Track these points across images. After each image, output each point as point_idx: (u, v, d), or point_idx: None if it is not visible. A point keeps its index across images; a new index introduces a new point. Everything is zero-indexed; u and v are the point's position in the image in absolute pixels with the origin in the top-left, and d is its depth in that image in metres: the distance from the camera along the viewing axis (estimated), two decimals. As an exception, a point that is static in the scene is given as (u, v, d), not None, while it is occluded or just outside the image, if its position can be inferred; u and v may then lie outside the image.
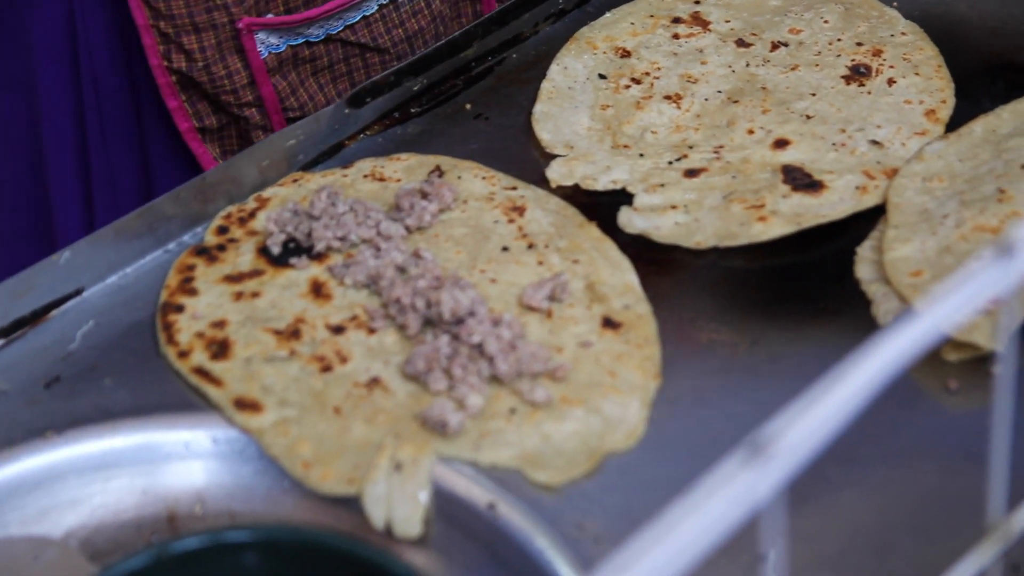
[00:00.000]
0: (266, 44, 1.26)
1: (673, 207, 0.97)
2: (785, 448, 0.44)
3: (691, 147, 1.01)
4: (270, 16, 1.25)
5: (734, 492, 0.43)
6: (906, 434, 0.86)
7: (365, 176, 1.02)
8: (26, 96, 1.31)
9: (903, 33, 1.09)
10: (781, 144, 1.00)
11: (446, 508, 0.82)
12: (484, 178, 1.01)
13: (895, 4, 1.13)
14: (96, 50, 1.28)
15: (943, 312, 0.50)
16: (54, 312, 0.95)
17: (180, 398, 0.88)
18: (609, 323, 0.91)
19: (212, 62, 1.25)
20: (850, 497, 0.83)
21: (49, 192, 1.32)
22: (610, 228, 0.97)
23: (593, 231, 0.97)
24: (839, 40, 1.09)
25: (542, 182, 1.01)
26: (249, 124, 1.28)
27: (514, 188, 1.00)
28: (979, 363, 0.88)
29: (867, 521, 0.83)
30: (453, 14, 1.35)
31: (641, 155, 1.01)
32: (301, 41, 1.28)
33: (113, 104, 1.30)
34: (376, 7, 1.29)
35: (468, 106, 1.08)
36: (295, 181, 1.02)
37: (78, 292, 0.96)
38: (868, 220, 0.97)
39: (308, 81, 1.29)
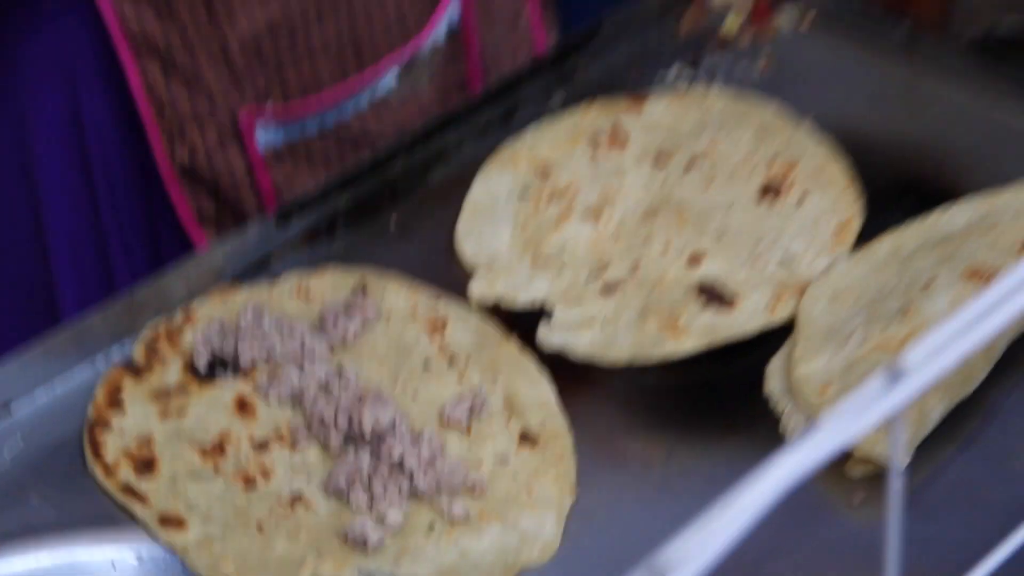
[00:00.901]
0: (264, 137, 1.28)
1: (590, 324, 0.98)
2: (684, 571, 0.46)
3: (608, 264, 1.02)
4: (269, 104, 1.27)
5: None
6: (811, 547, 0.87)
7: (291, 291, 1.02)
8: (27, 183, 1.31)
9: (814, 152, 1.10)
10: (695, 260, 1.01)
11: None
12: (407, 294, 1.02)
13: (808, 121, 1.14)
14: (102, 139, 1.28)
15: (838, 429, 0.52)
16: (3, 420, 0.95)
17: (108, 515, 0.89)
18: (526, 438, 0.92)
19: (213, 154, 1.27)
20: None
21: (54, 279, 1.32)
22: (531, 341, 0.98)
23: (512, 347, 0.98)
24: (752, 158, 1.09)
25: (465, 297, 1.02)
26: (247, 213, 1.28)
27: (436, 304, 1.01)
28: (882, 477, 0.89)
29: None
30: (442, 104, 1.35)
31: (559, 272, 1.02)
32: (297, 135, 1.29)
33: (119, 191, 1.30)
34: (367, 101, 1.30)
35: (394, 221, 1.10)
36: (222, 296, 1.02)
37: (5, 406, 0.96)
38: (779, 336, 0.98)
39: (304, 173, 1.30)
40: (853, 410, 0.52)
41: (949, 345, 0.54)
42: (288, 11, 1.24)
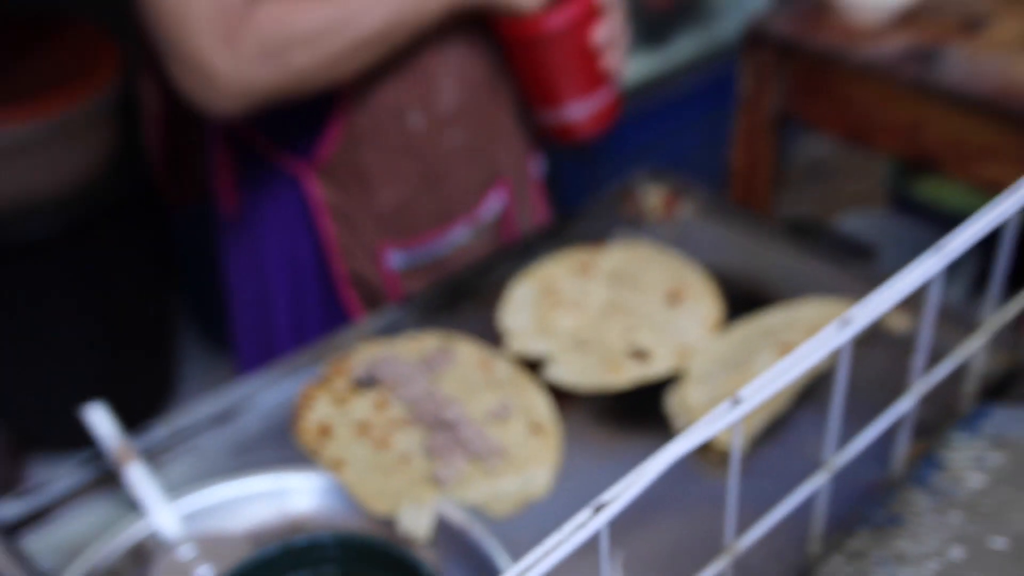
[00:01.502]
0: (393, 259, 1.30)
1: (569, 368, 1.01)
2: (613, 505, 0.54)
3: (582, 335, 1.05)
4: (397, 241, 1.29)
5: (581, 534, 0.52)
6: (688, 496, 0.91)
7: (407, 344, 1.06)
8: (261, 286, 1.34)
9: (697, 278, 1.12)
10: (631, 336, 1.04)
11: (442, 527, 0.87)
12: (471, 347, 1.05)
13: (694, 262, 1.15)
14: (305, 259, 1.30)
15: (705, 430, 0.59)
16: (238, 410, 1.00)
17: (304, 460, 0.93)
18: (534, 428, 0.96)
19: (364, 267, 1.29)
20: (656, 528, 0.88)
21: (273, 333, 1.35)
22: (537, 375, 1.02)
23: (527, 378, 1.02)
24: (664, 281, 1.11)
25: (502, 350, 1.05)
26: (381, 301, 1.30)
27: (486, 353, 1.05)
28: (728, 458, 0.93)
29: (666, 540, 0.87)
30: (492, 246, 1.37)
31: (554, 340, 1.04)
32: (408, 259, 1.31)
33: (314, 289, 1.32)
34: (451, 246, 1.33)
35: (467, 308, 1.13)
36: (371, 345, 1.06)
37: (252, 397, 1.00)
38: (673, 380, 1.01)
39: (414, 280, 1.31)
40: (713, 419, 0.60)
41: (765, 387, 0.62)
42: (406, 192, 1.26)
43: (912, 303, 1.07)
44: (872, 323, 0.68)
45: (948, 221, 2.09)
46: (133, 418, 2.44)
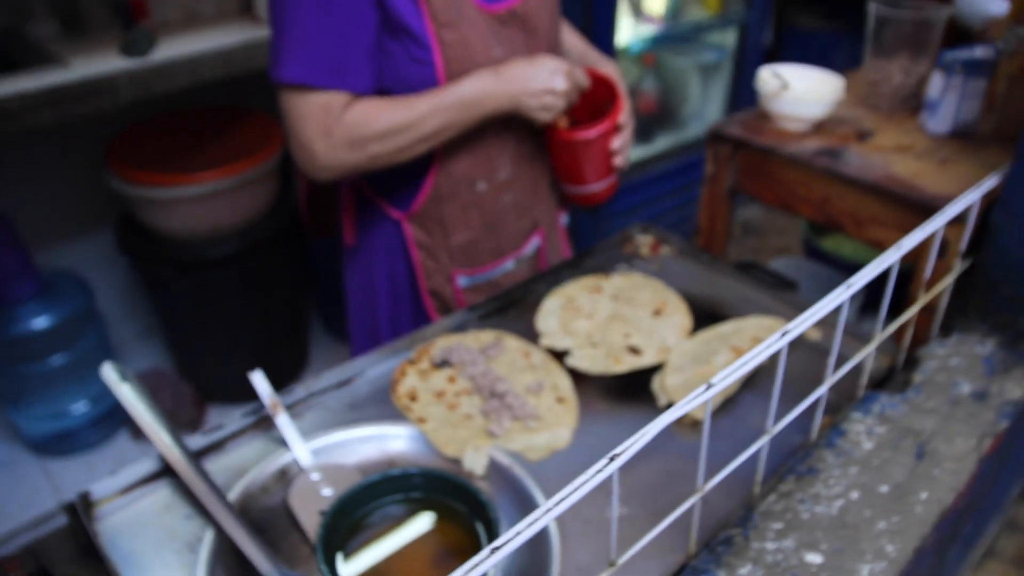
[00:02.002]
0: (461, 281, 1.28)
1: (585, 357, 0.98)
2: (623, 455, 0.51)
3: (593, 336, 1.02)
4: (464, 270, 1.27)
5: (600, 476, 0.50)
6: (668, 453, 0.87)
7: (473, 338, 1.03)
8: (370, 300, 1.33)
9: (675, 298, 1.09)
10: (628, 337, 1.01)
11: (493, 465, 0.84)
12: (516, 342, 1.02)
13: (672, 287, 1.12)
14: (400, 280, 1.29)
15: (684, 405, 0.57)
16: (354, 380, 0.97)
17: (398, 416, 0.91)
18: (559, 400, 0.93)
19: (441, 287, 1.27)
20: (645, 471, 0.84)
21: (378, 328, 1.33)
22: (563, 362, 0.99)
23: (556, 364, 0.99)
24: (651, 300, 1.08)
25: (538, 344, 1.02)
26: (452, 308, 1.29)
27: (527, 346, 1.02)
28: (699, 425, 0.90)
29: (653, 481, 0.84)
30: (530, 273, 1.34)
31: (575, 338, 1.01)
32: (473, 281, 1.29)
33: (407, 298, 1.30)
34: (501, 273, 1.31)
35: (513, 315, 1.10)
36: (446, 337, 1.03)
37: (362, 374, 0.98)
38: (658, 368, 0.98)
39: (477, 297, 1.29)
40: (692, 399, 0.57)
41: (728, 376, 0.60)
42: (473, 234, 1.24)
43: (823, 322, 1.09)
44: (800, 334, 0.67)
45: (845, 265, 2.07)
46: (281, 379, 2.47)
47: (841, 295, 0.73)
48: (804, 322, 0.69)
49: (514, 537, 0.44)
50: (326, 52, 1.01)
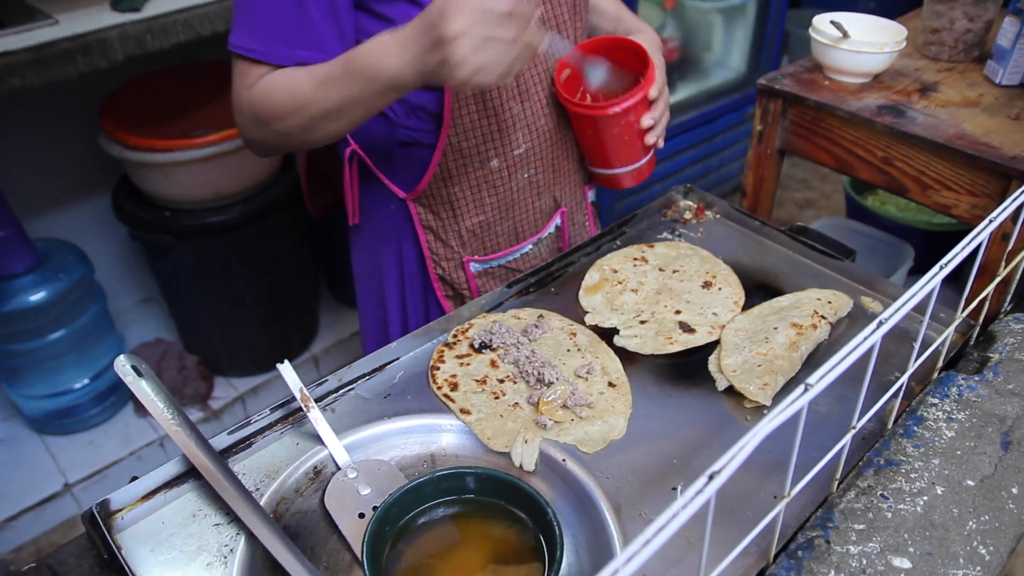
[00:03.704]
0: (474, 267, 1.23)
1: (634, 336, 0.95)
2: (723, 473, 0.47)
3: (641, 312, 0.98)
4: (477, 256, 1.22)
5: (700, 498, 0.45)
6: (727, 438, 0.83)
7: (513, 316, 0.99)
8: (378, 284, 1.28)
9: (724, 269, 1.06)
10: (678, 312, 0.98)
11: (544, 460, 0.80)
12: (560, 320, 0.98)
13: (720, 256, 1.09)
14: (409, 266, 1.24)
15: (784, 411, 0.53)
16: (387, 367, 0.93)
17: (439, 408, 0.87)
18: (610, 384, 0.89)
19: (453, 272, 1.22)
20: (701, 459, 0.82)
21: (388, 317, 1.29)
22: (611, 342, 0.95)
23: (604, 344, 0.95)
24: (699, 271, 1.04)
25: (584, 323, 0.99)
26: (466, 297, 1.23)
27: (572, 325, 0.98)
28: (761, 409, 0.86)
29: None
30: (551, 255, 1.28)
31: (622, 314, 0.98)
32: (487, 266, 1.24)
33: (417, 284, 1.25)
34: (519, 254, 1.25)
35: (553, 290, 1.06)
36: (484, 317, 1.00)
37: (397, 360, 0.94)
38: (713, 346, 0.94)
39: (491, 282, 1.24)
40: (790, 402, 0.52)
41: (824, 376, 0.54)
42: (486, 216, 1.18)
43: (884, 292, 1.04)
44: (897, 323, 0.63)
45: (891, 225, 2.00)
46: (290, 349, 2.42)
47: (932, 279, 0.68)
48: (899, 310, 0.64)
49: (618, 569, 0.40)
50: (273, 21, 0.95)
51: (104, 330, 2.13)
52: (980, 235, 0.73)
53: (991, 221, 0.74)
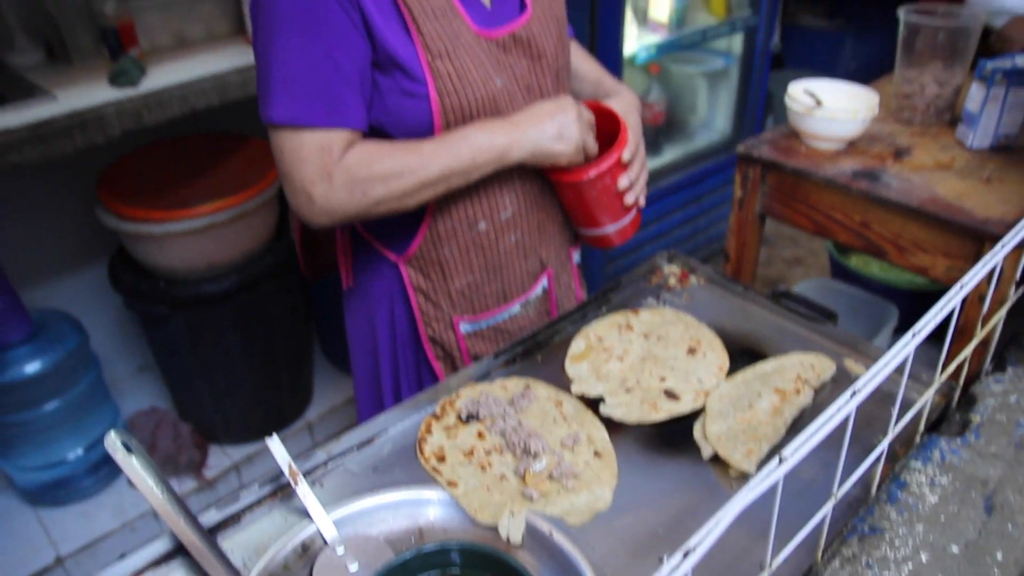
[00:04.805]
0: (464, 328, 1.23)
1: (620, 405, 0.95)
2: (698, 550, 0.47)
3: (626, 380, 0.99)
4: (466, 316, 1.22)
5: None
6: (714, 505, 0.84)
7: (500, 387, 1.00)
8: (372, 342, 1.28)
9: (708, 334, 1.06)
10: (663, 380, 0.98)
11: (531, 532, 0.80)
12: (547, 390, 0.99)
13: (704, 322, 1.09)
14: (400, 327, 1.25)
15: (759, 485, 0.53)
16: (376, 439, 0.93)
17: (426, 479, 0.87)
18: (596, 454, 0.89)
19: (443, 333, 1.23)
20: (685, 526, 0.82)
21: (381, 384, 1.30)
22: (597, 411, 0.95)
23: (590, 414, 0.95)
24: (684, 337, 1.05)
25: (570, 391, 0.99)
26: (456, 359, 1.24)
27: (558, 393, 0.98)
28: (747, 476, 0.86)
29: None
30: (538, 321, 1.29)
31: (607, 383, 0.99)
32: (477, 327, 1.24)
33: (409, 344, 1.26)
34: (507, 316, 1.26)
35: (540, 359, 1.06)
36: (471, 388, 1.00)
37: (386, 431, 0.94)
38: (698, 413, 0.95)
39: (481, 343, 1.25)
40: (764, 475, 0.52)
41: (799, 447, 0.55)
42: (474, 278, 1.19)
43: (865, 355, 1.05)
44: (879, 386, 0.63)
45: (875, 286, 2.02)
46: (285, 416, 2.41)
47: (908, 345, 0.69)
48: (872, 379, 0.65)
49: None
50: (316, 87, 0.97)
51: (99, 399, 2.13)
52: (952, 300, 0.75)
53: (962, 287, 0.76)
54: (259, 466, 2.30)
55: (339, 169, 1.01)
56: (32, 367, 1.90)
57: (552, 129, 1.07)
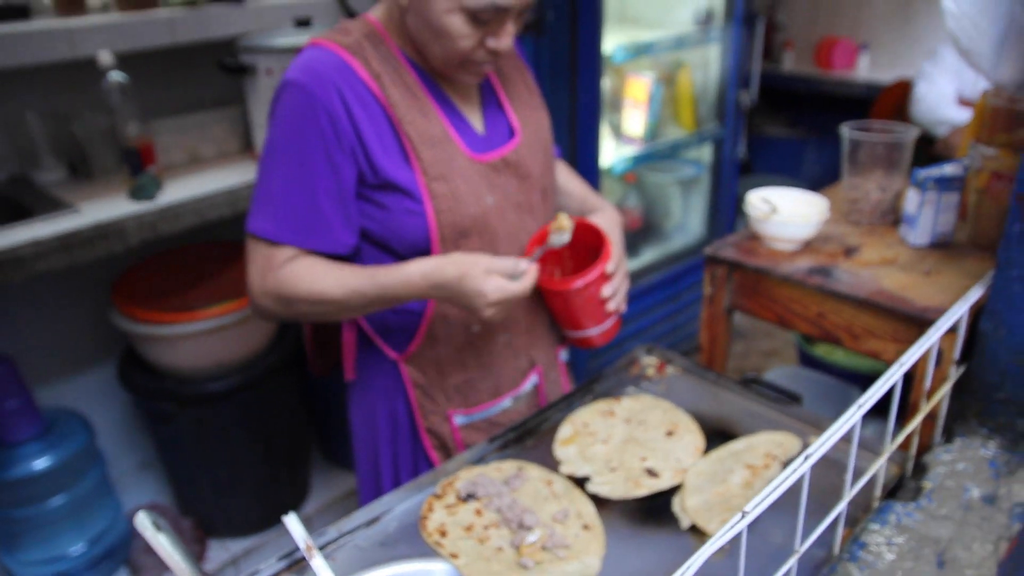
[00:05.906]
0: (458, 420, 1.28)
1: (605, 483, 1.00)
2: None
3: (611, 460, 1.04)
4: (461, 409, 1.28)
5: None
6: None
7: (496, 469, 1.04)
8: (372, 439, 1.32)
9: (685, 419, 1.11)
10: (644, 460, 1.03)
11: None
12: (539, 471, 1.04)
13: (681, 408, 1.14)
14: (401, 421, 1.29)
15: (723, 537, 0.60)
16: (382, 518, 0.98)
17: (429, 553, 0.91)
18: (585, 527, 0.94)
19: (439, 425, 1.27)
20: None
21: (380, 471, 1.34)
22: (584, 489, 1.00)
23: (579, 491, 1.00)
24: (662, 421, 1.10)
25: (559, 472, 1.03)
26: (451, 449, 1.29)
27: (548, 474, 1.03)
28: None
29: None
30: (528, 411, 1.33)
31: (592, 464, 1.04)
32: (470, 420, 1.29)
33: (406, 436, 1.30)
34: (499, 410, 1.31)
35: (530, 445, 1.12)
36: (468, 469, 1.05)
37: (390, 510, 0.99)
38: (677, 489, 1.00)
39: (474, 434, 1.29)
40: (724, 531, 0.59)
41: (759, 503, 0.62)
42: (469, 375, 1.25)
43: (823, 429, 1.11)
44: (823, 455, 0.70)
45: (839, 372, 2.11)
46: (282, 510, 2.42)
47: (853, 416, 0.78)
48: (823, 444, 0.74)
49: None
50: (289, 210, 1.06)
51: (103, 495, 2.14)
52: (893, 377, 0.84)
53: (901, 365, 0.85)
54: (257, 558, 2.30)
55: (272, 279, 1.10)
56: (41, 463, 1.93)
57: (463, 302, 1.07)
